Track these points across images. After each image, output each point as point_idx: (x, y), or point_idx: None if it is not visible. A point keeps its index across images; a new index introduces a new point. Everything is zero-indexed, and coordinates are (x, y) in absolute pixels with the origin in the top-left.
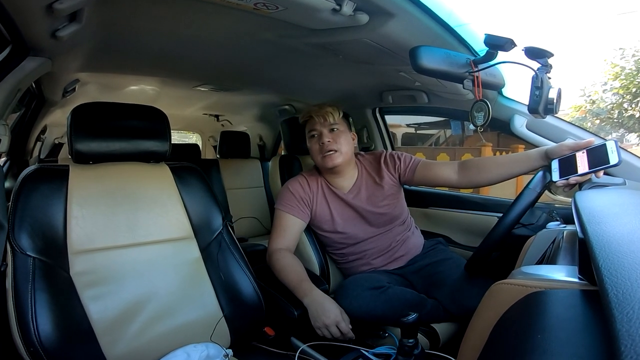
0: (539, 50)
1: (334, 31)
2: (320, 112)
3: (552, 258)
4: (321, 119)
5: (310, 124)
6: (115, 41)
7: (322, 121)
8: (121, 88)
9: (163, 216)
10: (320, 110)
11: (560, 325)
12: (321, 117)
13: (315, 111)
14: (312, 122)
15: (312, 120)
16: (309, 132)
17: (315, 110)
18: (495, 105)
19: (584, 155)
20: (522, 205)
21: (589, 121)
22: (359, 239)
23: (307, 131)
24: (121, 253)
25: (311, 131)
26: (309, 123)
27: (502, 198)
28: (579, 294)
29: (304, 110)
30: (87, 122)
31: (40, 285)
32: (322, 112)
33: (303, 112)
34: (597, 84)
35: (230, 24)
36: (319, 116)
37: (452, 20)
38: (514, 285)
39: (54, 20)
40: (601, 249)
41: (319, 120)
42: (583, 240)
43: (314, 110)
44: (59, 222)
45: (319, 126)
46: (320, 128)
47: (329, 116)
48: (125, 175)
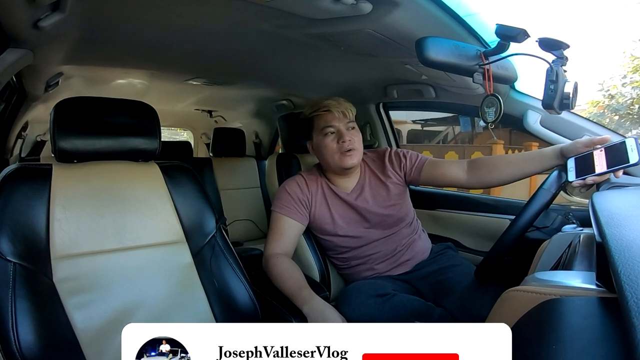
0: (554, 41)
1: (334, 21)
2: (339, 107)
3: (568, 263)
4: (341, 114)
5: (325, 119)
6: (101, 32)
7: (342, 117)
8: (108, 82)
9: (152, 219)
10: (339, 105)
11: (577, 335)
12: (341, 112)
13: (334, 105)
14: (329, 117)
15: (329, 115)
16: (323, 128)
17: (333, 104)
18: (507, 100)
19: (602, 153)
20: (536, 207)
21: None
22: (362, 243)
23: (320, 127)
24: (107, 258)
25: (327, 127)
26: (322, 118)
27: (514, 199)
28: (597, 302)
29: (315, 102)
30: (71, 118)
31: (21, 292)
32: (341, 107)
33: (314, 103)
34: (615, 77)
35: (224, 14)
36: (339, 111)
37: (461, 10)
38: (527, 293)
39: (36, 10)
40: (620, 253)
41: (339, 115)
42: (601, 244)
43: (332, 104)
44: (41, 225)
45: (337, 122)
46: (339, 124)
47: (348, 112)
48: (112, 175)
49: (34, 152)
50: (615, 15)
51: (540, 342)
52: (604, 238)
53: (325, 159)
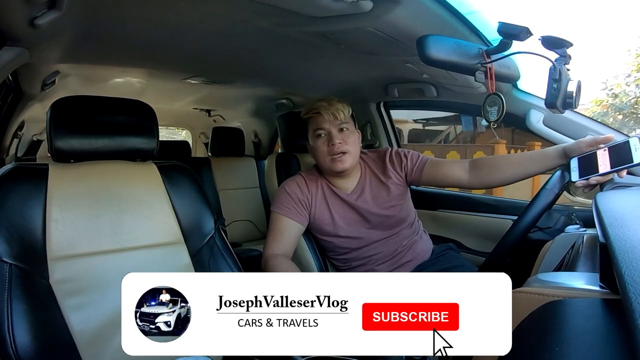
0: (557, 39)
1: (335, 19)
2: (329, 109)
3: (571, 264)
4: (331, 116)
5: (317, 121)
6: (98, 30)
7: (332, 119)
8: (105, 80)
9: (150, 219)
10: (329, 106)
11: (580, 336)
12: (331, 114)
13: (324, 107)
14: (319, 120)
15: (320, 118)
16: (314, 130)
17: (323, 106)
18: (509, 99)
19: (606, 153)
20: (539, 208)
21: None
22: (362, 244)
23: (312, 129)
24: (105, 259)
25: (318, 130)
26: (314, 120)
27: (517, 199)
28: (600, 304)
29: (308, 105)
30: (68, 117)
31: (17, 293)
32: (332, 109)
33: (306, 106)
34: (620, 75)
35: (223, 11)
36: (328, 113)
37: (463, 7)
38: (529, 294)
39: (32, 7)
40: (624, 254)
41: (328, 117)
42: (605, 245)
43: (322, 106)
44: (37, 226)
45: (327, 125)
46: (329, 127)
47: (339, 114)
48: (109, 174)
49: (30, 152)
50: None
51: (543, 344)
52: (607, 239)
53: (318, 161)
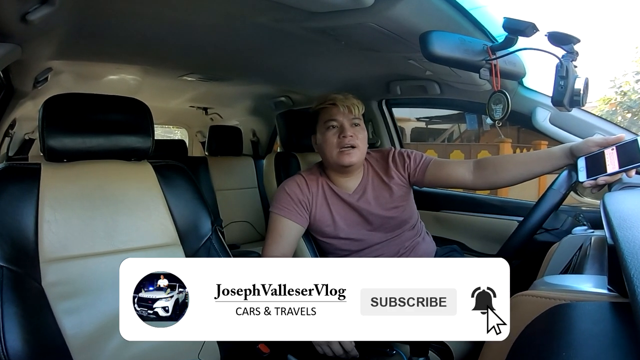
0: (564, 35)
1: (335, 14)
2: (345, 102)
3: (578, 267)
4: (346, 109)
5: (330, 112)
6: (92, 25)
7: (347, 112)
8: (99, 78)
9: (145, 220)
10: (345, 99)
11: (588, 341)
12: (347, 107)
13: (340, 100)
14: (334, 111)
15: (334, 109)
16: (326, 121)
17: (339, 98)
18: (515, 97)
19: (614, 152)
20: (545, 208)
21: (619, 115)
22: (364, 246)
23: (324, 120)
24: (99, 261)
25: (330, 121)
26: (327, 111)
27: (522, 200)
28: (608, 307)
29: (323, 96)
30: (60, 115)
31: (8, 296)
32: (347, 102)
33: (320, 97)
34: (628, 73)
35: (220, 7)
36: (344, 106)
37: (467, 2)
38: (536, 297)
39: (24, 2)
40: (633, 256)
41: (344, 110)
42: (613, 247)
43: (338, 98)
44: (29, 227)
45: (341, 117)
46: (343, 119)
47: (354, 108)
48: (103, 174)
49: (21, 151)
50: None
51: (549, 348)
52: (616, 240)
53: (325, 154)
